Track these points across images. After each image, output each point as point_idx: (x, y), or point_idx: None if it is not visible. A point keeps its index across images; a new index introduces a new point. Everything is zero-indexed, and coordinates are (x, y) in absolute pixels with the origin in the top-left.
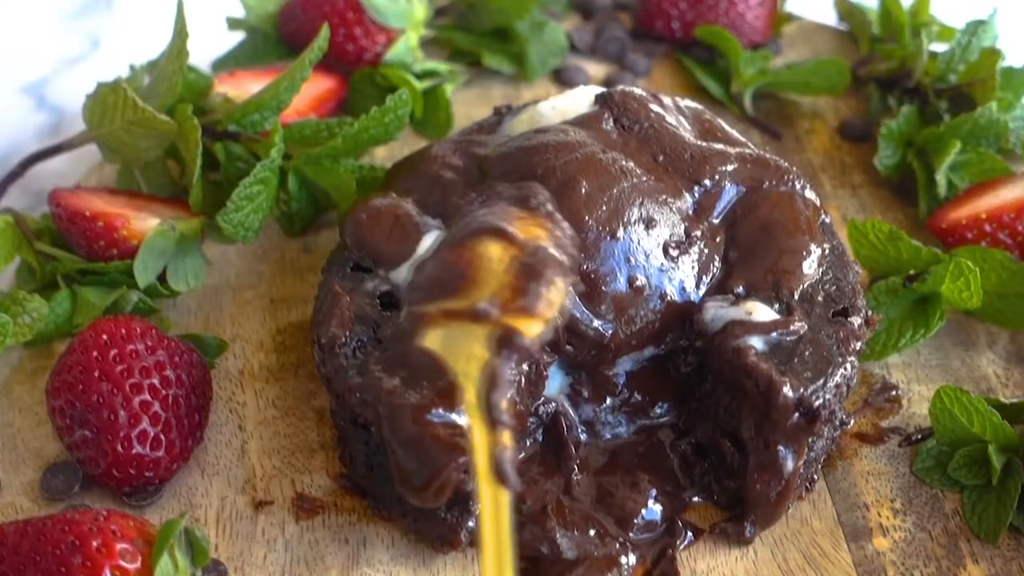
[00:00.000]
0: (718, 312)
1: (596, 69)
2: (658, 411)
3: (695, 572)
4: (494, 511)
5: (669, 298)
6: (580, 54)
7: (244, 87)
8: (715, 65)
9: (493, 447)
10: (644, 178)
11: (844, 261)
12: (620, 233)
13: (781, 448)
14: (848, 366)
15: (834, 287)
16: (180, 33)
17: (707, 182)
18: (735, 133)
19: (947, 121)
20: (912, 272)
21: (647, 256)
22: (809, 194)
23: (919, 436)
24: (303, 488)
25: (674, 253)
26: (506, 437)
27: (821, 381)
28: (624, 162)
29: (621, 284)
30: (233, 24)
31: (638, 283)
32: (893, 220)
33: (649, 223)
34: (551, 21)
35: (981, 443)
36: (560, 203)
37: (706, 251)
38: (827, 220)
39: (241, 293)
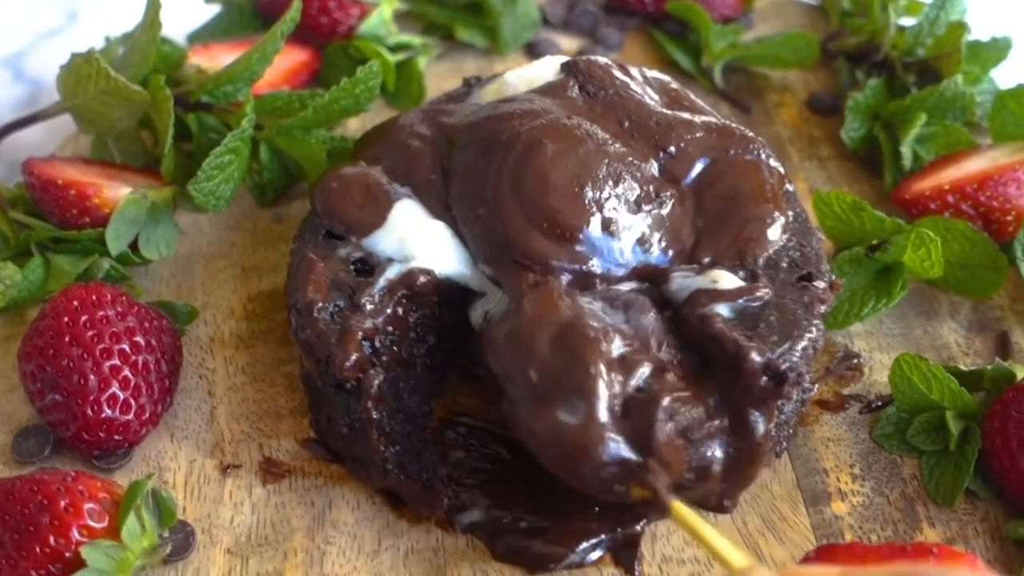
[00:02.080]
0: (684, 282)
1: (568, 43)
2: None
3: (656, 535)
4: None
5: (646, 246)
6: (553, 28)
7: (218, 59)
8: (686, 39)
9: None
10: (610, 142)
11: (808, 228)
12: (588, 187)
13: (751, 412)
14: (814, 329)
15: (798, 253)
16: (153, 5)
17: (672, 148)
18: (701, 103)
19: (913, 94)
20: (875, 242)
21: (617, 206)
22: (774, 163)
23: (879, 403)
24: (270, 452)
25: (646, 207)
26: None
27: (787, 345)
28: (589, 126)
29: (596, 229)
30: None
31: (612, 227)
32: (859, 192)
33: (618, 179)
34: None
35: (939, 409)
36: (526, 165)
37: (676, 212)
38: (791, 188)
39: (213, 262)
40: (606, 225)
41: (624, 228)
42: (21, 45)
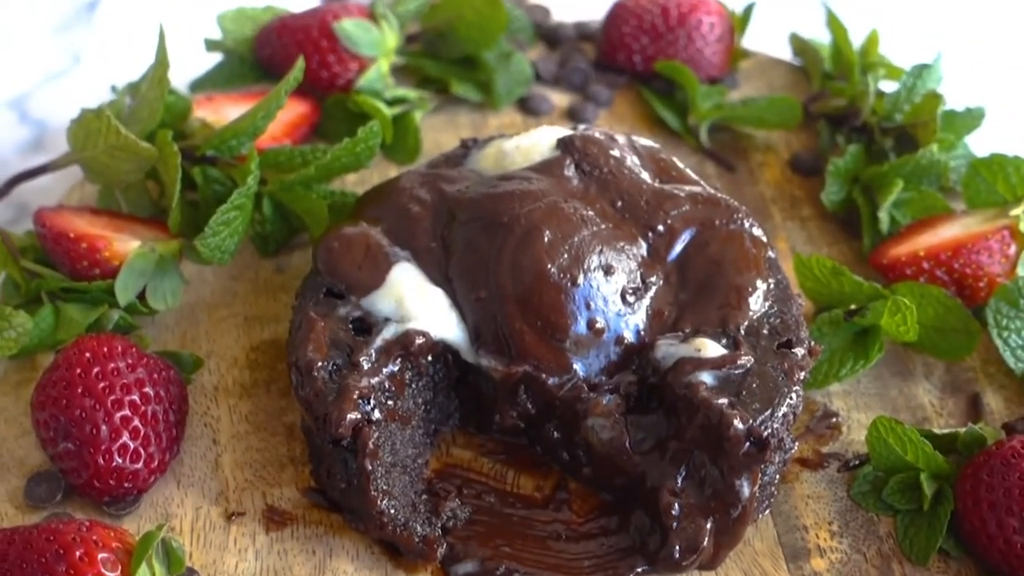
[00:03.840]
0: (669, 350)
1: (560, 98)
2: None
3: None
4: None
5: (626, 341)
6: (545, 83)
7: (221, 112)
8: (674, 98)
9: None
10: (603, 226)
11: (788, 294)
12: (580, 279)
13: (736, 477)
14: (793, 395)
15: (778, 320)
16: (161, 63)
17: (660, 227)
18: (689, 171)
19: (891, 162)
20: (853, 306)
21: (606, 301)
22: (756, 232)
23: (857, 462)
24: (273, 500)
25: (631, 299)
26: None
27: (769, 412)
28: (584, 211)
29: (581, 327)
30: (211, 46)
31: (598, 325)
32: (839, 253)
33: (608, 270)
34: (517, 51)
35: (914, 471)
36: (524, 250)
37: (660, 295)
38: (772, 256)
39: (216, 311)
40: (592, 324)
41: (612, 327)
42: (26, 87)
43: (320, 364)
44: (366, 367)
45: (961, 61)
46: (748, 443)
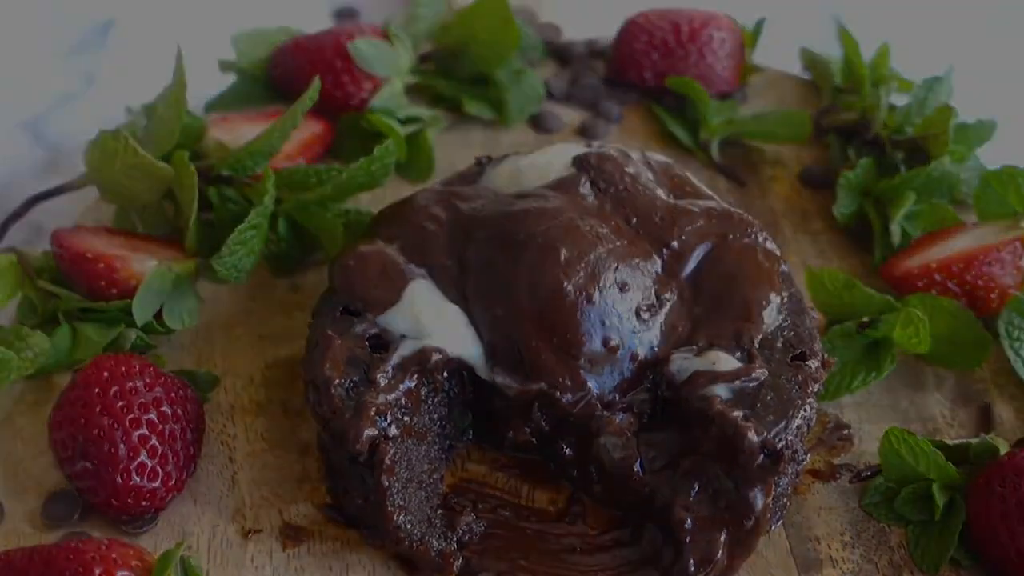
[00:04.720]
0: (683, 363)
1: (571, 115)
2: None
3: None
4: None
5: (640, 358)
6: (556, 101)
7: (237, 132)
8: (684, 113)
9: None
10: (618, 243)
11: (801, 307)
12: (596, 297)
13: (750, 489)
14: (807, 407)
15: (792, 333)
16: (179, 84)
17: (675, 243)
18: (702, 186)
19: (902, 174)
20: (866, 319)
21: (620, 319)
22: (770, 245)
23: (868, 473)
24: (290, 517)
25: (645, 316)
26: None
27: (783, 424)
28: (600, 228)
29: (596, 344)
30: (224, 66)
31: (612, 343)
32: (849, 266)
33: (623, 287)
34: (529, 69)
35: (926, 481)
36: (541, 268)
37: (675, 311)
38: (785, 269)
39: (232, 330)
40: (607, 342)
41: (626, 344)
42: (40, 109)
43: (337, 381)
44: (383, 384)
45: (970, 71)
46: (763, 455)
